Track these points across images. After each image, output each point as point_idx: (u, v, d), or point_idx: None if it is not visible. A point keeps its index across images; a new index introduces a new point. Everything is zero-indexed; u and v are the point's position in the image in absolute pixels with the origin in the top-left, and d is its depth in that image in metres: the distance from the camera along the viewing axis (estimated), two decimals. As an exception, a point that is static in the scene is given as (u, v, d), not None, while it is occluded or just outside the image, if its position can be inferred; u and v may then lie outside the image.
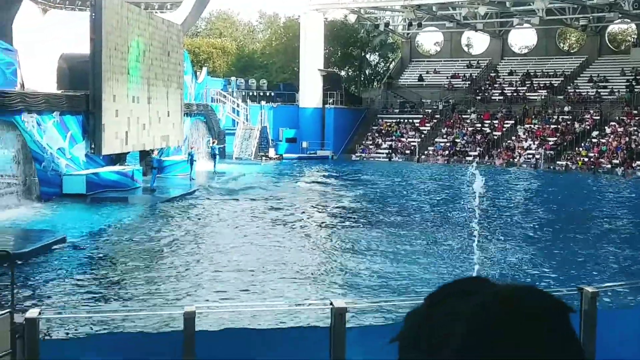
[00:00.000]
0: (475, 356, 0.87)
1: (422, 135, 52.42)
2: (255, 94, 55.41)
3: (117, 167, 29.73)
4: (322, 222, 23.34)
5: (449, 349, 0.88)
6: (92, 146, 27.94)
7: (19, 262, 14.38)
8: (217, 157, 38.47)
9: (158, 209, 25.05)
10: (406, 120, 55.49)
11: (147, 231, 20.46)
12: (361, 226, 22.07)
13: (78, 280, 14.57)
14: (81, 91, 27.69)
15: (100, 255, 17.27)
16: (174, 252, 17.52)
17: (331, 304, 5.75)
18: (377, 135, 55.02)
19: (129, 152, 31.52)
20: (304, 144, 52.92)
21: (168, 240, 19.11)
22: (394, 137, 54.05)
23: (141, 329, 9.90)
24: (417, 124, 53.79)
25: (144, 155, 33.04)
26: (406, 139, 53.35)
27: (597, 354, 5.92)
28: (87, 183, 26.25)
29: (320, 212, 26.05)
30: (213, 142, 40.68)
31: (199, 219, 23.31)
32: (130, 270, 15.54)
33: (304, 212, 25.34)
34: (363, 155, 52.79)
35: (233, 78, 56.69)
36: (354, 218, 23.91)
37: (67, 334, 10.05)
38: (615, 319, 6.77)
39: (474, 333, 0.88)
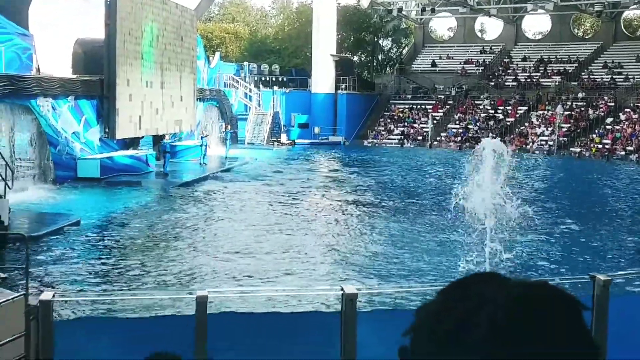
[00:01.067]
0: (494, 350, 0.89)
1: (435, 121, 52.25)
2: (267, 79, 55.34)
3: (130, 152, 29.88)
4: (335, 209, 23.36)
5: (474, 335, 0.90)
6: (106, 130, 28.12)
7: (34, 245, 14.52)
8: (229, 142, 38.53)
9: (171, 193, 25.17)
10: (419, 106, 55.29)
11: (160, 215, 20.58)
12: (373, 212, 22.08)
13: (92, 263, 14.70)
14: (96, 76, 27.83)
15: (114, 238, 17.40)
16: (187, 237, 17.61)
17: (342, 289, 5.79)
18: (389, 121, 54.87)
19: (142, 137, 31.65)
20: (316, 130, 52.85)
21: (181, 225, 19.21)
22: (406, 123, 53.89)
23: (154, 313, 10.00)
24: (430, 110, 53.58)
25: (157, 139, 33.17)
26: (418, 125, 53.18)
27: (609, 340, 5.94)
28: (101, 167, 26.44)
29: (332, 198, 26.07)
30: (226, 127, 40.73)
31: (212, 203, 23.41)
32: (143, 254, 15.65)
33: (316, 198, 25.38)
34: (375, 141, 52.67)
35: (245, 63, 56.62)
36: (366, 204, 23.91)
37: (81, 316, 10.16)
38: (627, 306, 6.77)
39: (496, 328, 0.90)
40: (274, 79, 55.71)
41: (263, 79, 55.06)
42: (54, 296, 5.67)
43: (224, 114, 44.36)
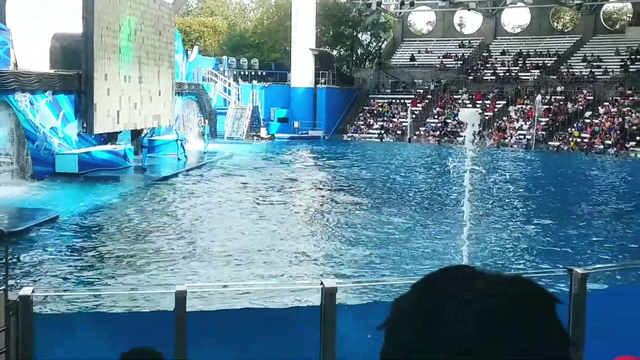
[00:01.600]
0: (469, 342, 0.89)
1: (414, 116, 52.41)
2: (246, 73, 55.20)
3: (108, 146, 29.69)
4: (314, 203, 23.38)
5: (446, 331, 0.90)
6: (84, 125, 27.91)
7: (13, 240, 14.39)
8: (208, 136, 38.40)
9: (150, 188, 25.06)
10: (398, 101, 55.45)
11: (138, 210, 20.47)
12: (353, 206, 22.11)
13: (71, 258, 14.60)
14: (73, 70, 27.60)
15: (93, 233, 17.29)
16: (166, 231, 17.53)
17: (322, 283, 5.78)
18: (368, 115, 54.98)
19: (120, 132, 31.45)
20: (296, 124, 52.84)
21: (159, 219, 19.12)
22: (385, 118, 54.02)
23: (133, 308, 9.96)
24: (409, 105, 53.74)
25: (136, 134, 32.98)
26: (397, 119, 53.33)
27: (587, 334, 5.99)
28: (79, 162, 26.26)
29: (312, 192, 26.08)
30: (204, 122, 40.59)
31: (190, 198, 23.32)
32: (122, 249, 15.56)
33: (295, 192, 25.39)
34: (355, 135, 52.75)
35: (224, 57, 56.43)
36: (346, 198, 23.94)
37: (60, 311, 10.08)
38: (605, 300, 6.84)
39: (471, 317, 0.90)
40: (253, 73, 55.58)
41: (242, 73, 54.91)
42: (33, 291, 5.62)
43: (203, 109, 44.18)
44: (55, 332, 5.92)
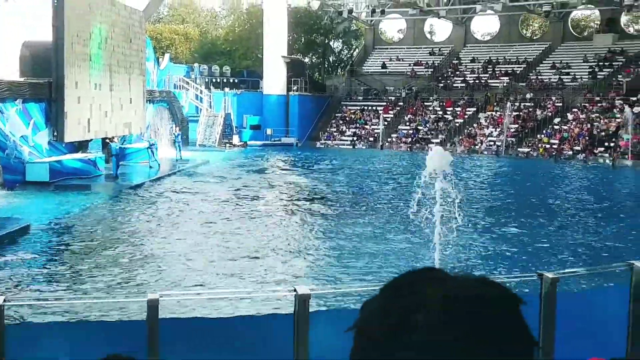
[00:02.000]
0: (436, 343, 0.92)
1: (386, 123, 52.66)
2: (218, 80, 55.06)
3: (79, 155, 29.42)
4: (287, 209, 23.35)
5: (412, 335, 0.93)
6: (55, 134, 27.65)
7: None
8: (180, 144, 38.22)
9: (121, 196, 24.87)
10: (370, 108, 55.68)
11: (110, 218, 20.31)
12: (326, 213, 22.14)
13: (42, 267, 14.43)
14: (44, 78, 27.34)
15: (64, 242, 17.11)
16: (138, 239, 17.41)
17: (295, 290, 5.80)
18: (341, 122, 55.13)
19: (91, 140, 31.19)
20: (268, 131, 52.79)
21: (131, 228, 18.99)
22: (357, 125, 54.21)
23: (104, 318, 9.87)
24: (381, 112, 53.98)
25: (106, 142, 32.73)
26: (370, 126, 53.54)
27: (557, 339, 6.07)
28: (50, 171, 25.98)
29: (284, 199, 26.06)
30: (176, 130, 40.39)
31: (162, 206, 23.17)
32: (94, 257, 15.41)
33: (267, 199, 25.35)
34: (327, 142, 52.86)
35: (196, 65, 56.24)
36: (318, 205, 23.96)
37: (32, 322, 9.96)
38: (575, 304, 6.94)
39: (437, 321, 0.92)
40: (225, 80, 55.46)
41: (214, 80, 54.78)
42: (4, 301, 5.56)
43: (175, 116, 43.97)
44: (26, 342, 5.86)
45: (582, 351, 6.33)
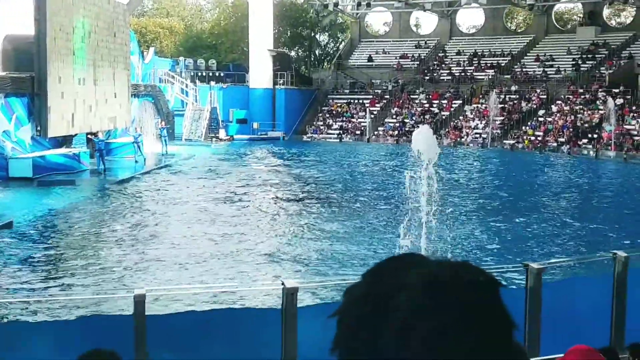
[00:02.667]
0: (417, 325, 0.93)
1: (372, 116, 52.69)
2: (204, 74, 54.86)
3: (63, 150, 29.23)
4: (274, 203, 23.34)
5: (395, 317, 0.93)
6: (38, 128, 27.42)
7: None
8: (166, 138, 38.07)
9: (106, 191, 24.75)
10: (356, 101, 55.70)
11: (94, 214, 20.21)
12: (312, 207, 22.15)
13: (26, 263, 14.34)
14: (26, 73, 27.10)
15: (49, 238, 17.01)
16: (123, 235, 17.34)
17: (282, 284, 5.80)
18: (327, 115, 55.12)
19: (75, 135, 31.01)
20: (255, 125, 52.69)
21: (116, 223, 18.90)
22: (344, 118, 54.22)
23: (92, 313, 9.83)
24: (367, 105, 54.01)
25: (90, 137, 32.55)
26: (356, 120, 53.57)
27: (542, 327, 6.12)
28: (33, 166, 25.79)
29: (271, 194, 26.03)
30: (161, 124, 40.21)
31: (147, 201, 23.09)
32: (79, 253, 15.34)
33: (254, 194, 25.31)
34: (314, 135, 52.82)
35: (181, 58, 56.01)
36: (305, 199, 23.97)
37: (16, 318, 9.91)
38: (560, 294, 6.98)
39: (418, 305, 0.93)
40: (210, 74, 55.26)
41: (200, 74, 54.56)
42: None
43: (160, 110, 43.76)
44: (11, 339, 5.83)
45: (567, 338, 6.38)
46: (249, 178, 29.75)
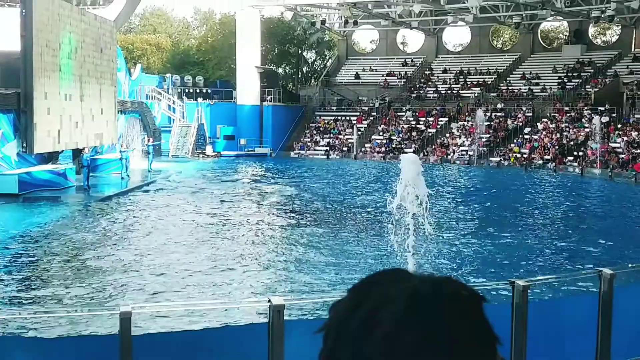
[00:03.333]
0: (401, 338, 0.94)
1: (359, 133, 52.85)
2: (191, 91, 54.90)
3: (49, 166, 29.08)
4: (260, 219, 23.29)
5: (380, 331, 0.94)
6: (24, 145, 27.27)
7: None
8: (152, 155, 38.00)
9: (91, 208, 24.61)
10: (343, 118, 55.87)
11: (80, 230, 20.07)
12: (299, 223, 22.12)
13: (10, 280, 14.20)
14: (12, 89, 26.99)
15: (33, 255, 16.85)
16: (109, 252, 17.22)
17: (269, 301, 5.77)
18: (315, 132, 55.23)
19: (61, 151, 30.87)
20: (242, 142, 52.71)
21: (101, 240, 18.78)
22: (331, 135, 54.34)
23: (74, 331, 9.74)
24: (354, 122, 54.20)
25: (77, 153, 32.41)
26: (344, 136, 53.70)
27: (528, 345, 6.11)
28: (19, 182, 25.62)
29: (257, 209, 25.99)
30: (148, 140, 40.15)
31: (133, 217, 22.97)
32: (63, 270, 15.21)
33: (241, 210, 25.25)
34: (301, 152, 52.89)
35: (168, 75, 56.06)
36: (292, 215, 23.94)
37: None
38: (545, 311, 6.99)
39: (402, 318, 0.94)
40: (198, 90, 55.30)
41: (187, 90, 54.61)
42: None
43: (147, 127, 43.70)
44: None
45: (553, 355, 6.38)
46: (235, 194, 29.68)
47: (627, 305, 6.73)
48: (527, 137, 47.44)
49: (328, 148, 52.67)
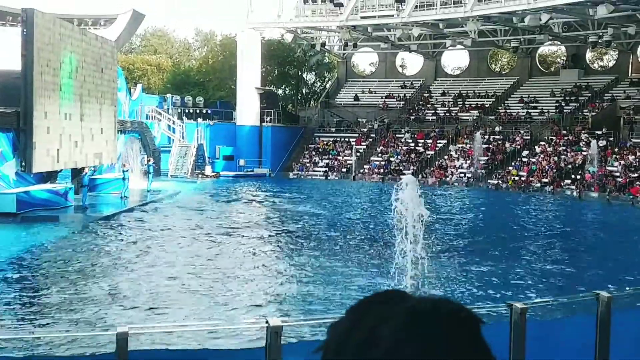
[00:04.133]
0: (403, 350, 0.95)
1: (358, 154, 52.95)
2: (191, 111, 55.05)
3: (48, 185, 29.07)
4: (260, 241, 23.24)
5: (379, 347, 0.96)
6: (23, 164, 27.27)
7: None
8: (151, 174, 38.01)
9: (90, 227, 24.57)
10: (342, 139, 55.99)
11: (77, 250, 20.03)
12: (298, 245, 22.09)
13: (7, 301, 14.15)
14: (12, 108, 27.05)
15: (30, 275, 16.81)
16: (106, 272, 17.18)
17: (267, 322, 5.76)
18: (314, 153, 55.31)
19: (60, 170, 30.87)
20: (241, 162, 52.77)
21: (100, 260, 18.74)
22: (330, 156, 54.43)
23: (72, 352, 9.70)
24: (353, 143, 54.33)
25: (76, 173, 32.41)
26: (342, 157, 53.79)
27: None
28: (17, 202, 25.57)
29: (256, 231, 25.94)
30: (148, 160, 40.18)
31: (132, 237, 22.93)
32: (60, 290, 15.16)
33: (240, 231, 25.21)
34: (300, 173, 52.94)
35: (169, 95, 56.20)
36: (290, 237, 23.91)
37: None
38: (544, 333, 6.98)
39: (400, 336, 0.96)
40: (198, 111, 55.45)
41: (187, 111, 54.74)
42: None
43: (146, 147, 43.76)
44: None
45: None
46: (234, 214, 29.67)
47: (624, 328, 6.73)
48: (525, 160, 47.54)
49: (327, 169, 52.73)
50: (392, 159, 51.94)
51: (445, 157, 50.80)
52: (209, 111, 56.48)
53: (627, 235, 26.47)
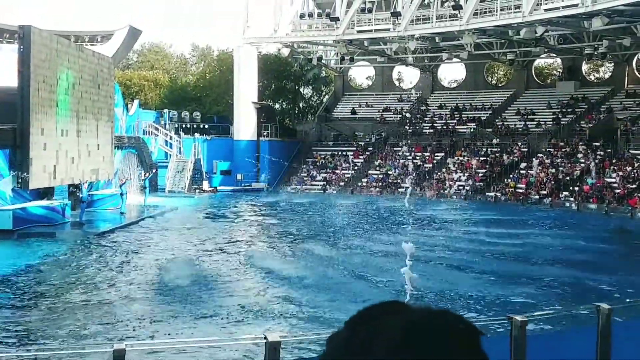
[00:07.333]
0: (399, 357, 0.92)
1: (356, 167, 52.94)
2: (188, 126, 55.10)
3: (45, 202, 29.01)
4: (256, 253, 23.18)
5: (375, 357, 0.92)
6: (19, 180, 27.21)
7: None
8: (148, 190, 37.95)
9: (87, 243, 24.50)
10: (340, 153, 56.05)
11: (74, 267, 19.97)
12: (296, 258, 22.03)
13: (3, 317, 14.06)
14: (8, 125, 27.03)
15: (26, 291, 16.73)
16: (103, 288, 17.10)
17: (265, 338, 5.70)
18: (311, 167, 55.32)
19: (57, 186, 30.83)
20: (239, 177, 52.76)
21: (96, 276, 18.66)
22: (328, 169, 54.43)
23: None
24: (351, 156, 54.36)
25: (74, 189, 32.35)
26: (340, 171, 53.79)
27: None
28: (14, 218, 25.55)
29: (254, 244, 25.90)
30: (145, 176, 40.14)
31: (128, 253, 22.85)
32: (56, 307, 15.08)
33: (237, 244, 25.16)
34: (298, 187, 52.91)
35: (165, 110, 56.26)
36: (288, 250, 23.85)
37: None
38: (544, 346, 6.92)
39: (397, 346, 0.93)
40: (195, 126, 55.50)
41: (184, 126, 54.79)
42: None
43: (143, 162, 43.75)
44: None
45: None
46: (232, 228, 29.60)
47: (625, 340, 6.68)
48: (522, 172, 47.56)
49: (325, 183, 52.71)
50: (390, 172, 51.95)
51: (443, 170, 50.81)
52: (206, 126, 56.55)
53: (627, 247, 26.43)
